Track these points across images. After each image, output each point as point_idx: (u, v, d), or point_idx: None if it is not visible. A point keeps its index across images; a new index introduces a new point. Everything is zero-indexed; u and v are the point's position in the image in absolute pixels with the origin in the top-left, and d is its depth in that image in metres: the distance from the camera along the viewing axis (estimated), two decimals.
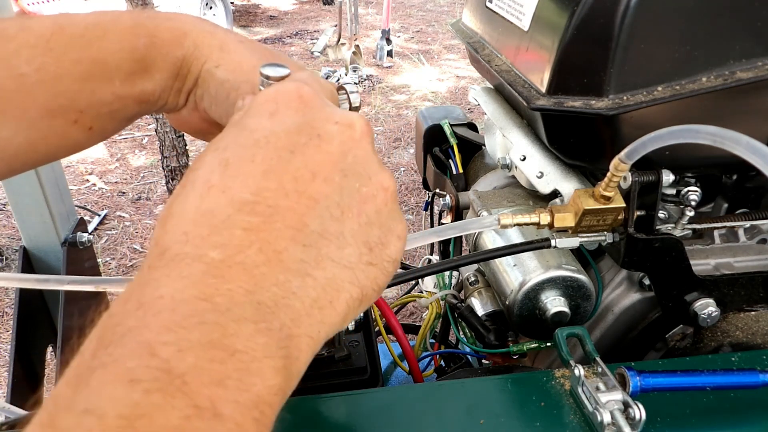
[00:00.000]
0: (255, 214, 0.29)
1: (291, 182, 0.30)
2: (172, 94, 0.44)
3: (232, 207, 0.28)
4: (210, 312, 0.26)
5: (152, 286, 0.26)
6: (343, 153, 0.32)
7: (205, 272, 0.27)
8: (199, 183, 0.30)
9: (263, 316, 0.27)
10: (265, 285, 0.27)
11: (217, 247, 0.27)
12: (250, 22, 7.46)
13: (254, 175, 0.29)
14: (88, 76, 0.40)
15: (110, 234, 3.18)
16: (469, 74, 5.43)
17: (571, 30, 0.64)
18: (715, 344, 0.77)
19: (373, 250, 0.32)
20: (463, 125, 1.16)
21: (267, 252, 0.28)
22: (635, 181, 0.64)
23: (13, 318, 1.10)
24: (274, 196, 0.29)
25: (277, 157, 0.30)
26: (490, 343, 0.80)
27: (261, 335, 0.26)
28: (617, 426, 0.50)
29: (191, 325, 0.25)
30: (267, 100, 0.33)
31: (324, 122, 0.32)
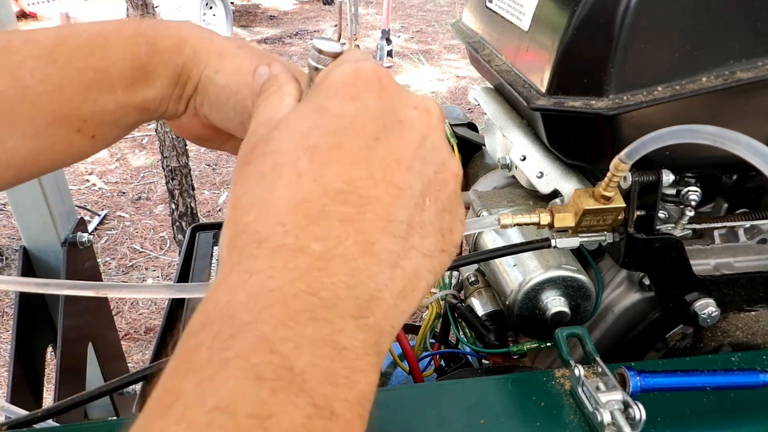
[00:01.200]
0: (349, 204, 0.28)
1: (379, 171, 0.30)
2: (173, 101, 0.45)
3: (326, 196, 0.28)
4: (320, 307, 0.26)
5: (260, 277, 0.26)
6: (423, 139, 0.32)
7: (310, 264, 0.27)
8: (287, 169, 0.29)
9: (362, 312, 0.27)
10: (362, 278, 0.28)
11: (318, 239, 0.27)
12: (250, 22, 7.46)
13: (345, 164, 0.29)
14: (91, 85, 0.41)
15: (110, 234, 3.17)
16: (469, 74, 5.43)
17: (571, 30, 0.64)
18: (715, 344, 0.77)
19: (445, 237, 0.33)
20: (463, 125, 1.16)
21: (362, 244, 0.28)
22: (635, 181, 0.64)
23: (13, 318, 1.10)
24: (365, 185, 0.29)
25: (365, 145, 0.30)
26: (490, 343, 0.80)
27: (360, 332, 0.27)
28: (617, 426, 0.50)
29: (304, 320, 0.25)
30: (345, 81, 0.32)
31: (405, 108, 0.32)
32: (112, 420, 0.65)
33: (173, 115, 0.46)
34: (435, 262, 0.32)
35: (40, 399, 1.17)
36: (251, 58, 0.45)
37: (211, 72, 0.44)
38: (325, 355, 0.25)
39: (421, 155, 0.31)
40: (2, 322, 2.52)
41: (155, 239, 3.14)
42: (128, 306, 2.64)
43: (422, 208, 0.31)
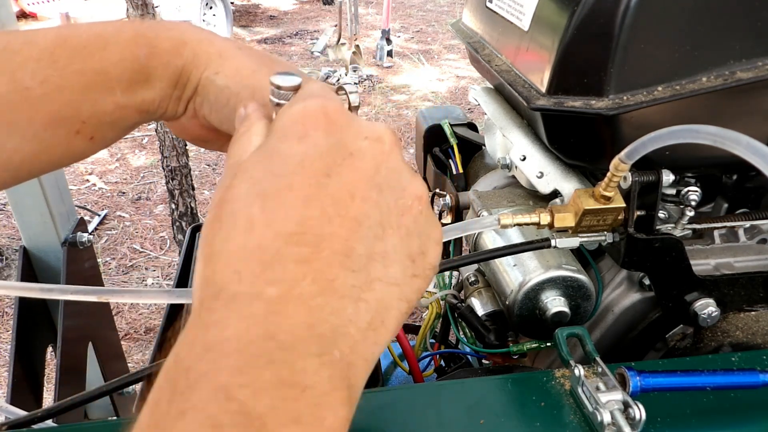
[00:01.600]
0: (303, 245, 0.28)
1: (332, 206, 0.30)
2: (172, 103, 0.45)
3: (279, 240, 0.28)
4: (277, 350, 0.26)
5: (217, 328, 0.27)
6: (377, 168, 0.32)
7: (265, 310, 0.27)
8: (240, 218, 0.29)
9: (325, 348, 0.27)
10: (322, 316, 0.28)
11: (272, 284, 0.27)
12: (250, 22, 7.46)
13: (296, 205, 0.29)
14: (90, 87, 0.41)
15: (110, 234, 3.17)
16: (469, 74, 5.43)
17: (571, 30, 0.64)
18: (715, 344, 0.77)
19: (416, 261, 0.32)
20: (463, 125, 1.16)
21: (320, 282, 0.28)
22: (635, 181, 0.64)
23: (13, 318, 1.10)
24: (318, 223, 0.29)
25: (315, 183, 0.30)
26: (490, 343, 0.80)
27: (325, 368, 0.27)
28: (617, 426, 0.50)
29: (262, 364, 0.26)
30: (294, 121, 0.32)
31: (354, 139, 0.32)
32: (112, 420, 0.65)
33: (173, 117, 0.46)
34: (405, 289, 0.31)
35: (40, 399, 1.17)
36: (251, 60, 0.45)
37: (210, 73, 0.44)
38: (286, 396, 0.25)
39: (377, 183, 0.31)
40: (2, 322, 2.52)
41: (155, 239, 3.14)
42: (128, 306, 2.64)
43: (382, 237, 0.31)
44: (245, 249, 0.28)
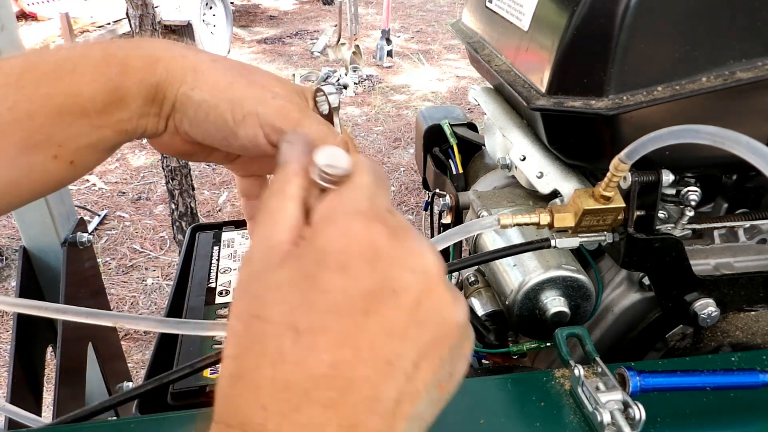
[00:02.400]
0: (332, 389, 0.28)
1: (367, 349, 0.29)
2: (151, 120, 0.44)
3: (309, 381, 0.28)
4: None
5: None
6: (419, 303, 0.30)
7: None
8: (271, 347, 0.28)
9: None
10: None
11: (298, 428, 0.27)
12: (250, 22, 7.46)
13: (330, 346, 0.28)
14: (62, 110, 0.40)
15: (110, 234, 3.18)
16: (469, 74, 5.43)
17: (571, 30, 0.64)
18: (715, 344, 0.77)
19: (443, 387, 0.32)
20: (463, 125, 1.16)
21: (344, 427, 0.28)
22: (635, 181, 0.64)
23: (13, 318, 1.10)
24: (350, 367, 0.28)
25: (352, 323, 0.29)
26: (490, 343, 0.80)
27: None
28: (617, 426, 0.50)
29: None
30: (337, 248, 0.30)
31: (399, 273, 0.30)
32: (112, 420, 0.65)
33: (154, 134, 0.45)
34: (428, 416, 0.31)
35: (40, 399, 1.17)
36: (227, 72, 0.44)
37: (187, 89, 0.43)
38: None
39: (417, 320, 0.30)
40: (2, 322, 2.52)
41: (155, 239, 3.14)
42: (128, 306, 2.64)
43: (414, 376, 0.30)
44: (274, 383, 0.28)
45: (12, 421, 0.73)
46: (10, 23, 1.06)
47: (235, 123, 0.42)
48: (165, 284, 2.78)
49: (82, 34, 4.94)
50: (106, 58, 0.42)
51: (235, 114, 0.42)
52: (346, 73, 5.21)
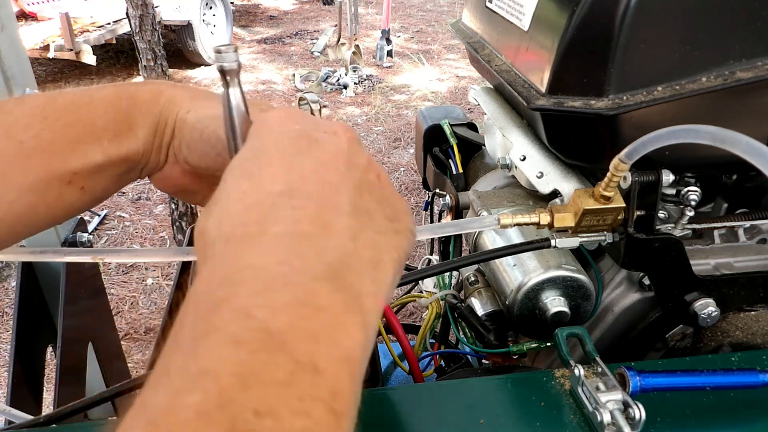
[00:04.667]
0: (294, 198, 0.32)
1: (311, 172, 0.34)
2: (154, 151, 0.48)
3: (272, 196, 0.32)
4: (291, 274, 0.28)
5: (231, 262, 0.29)
6: (340, 150, 0.36)
7: (275, 243, 0.30)
8: (233, 192, 0.33)
9: (335, 275, 0.29)
10: (327, 248, 0.30)
11: (275, 224, 0.30)
12: (250, 22, 7.45)
13: (278, 173, 0.33)
14: (79, 139, 0.45)
15: (110, 234, 3.17)
16: (469, 74, 5.43)
17: (571, 30, 0.64)
18: (715, 344, 0.77)
19: (394, 222, 0.36)
20: (463, 125, 1.16)
21: (317, 224, 0.31)
22: (635, 181, 0.64)
23: (13, 318, 1.10)
24: (302, 183, 0.33)
25: (289, 157, 0.34)
26: (490, 343, 0.80)
27: (338, 292, 0.29)
28: (617, 426, 0.51)
29: (278, 287, 0.28)
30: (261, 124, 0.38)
31: (316, 131, 0.37)
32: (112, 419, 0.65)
33: (155, 167, 0.49)
34: (392, 239, 0.35)
35: (40, 399, 1.17)
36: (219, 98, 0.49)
37: (183, 113, 0.48)
38: (304, 315, 0.27)
39: (342, 161, 0.36)
40: (2, 322, 2.52)
41: (155, 239, 3.14)
42: (128, 306, 2.64)
43: (361, 197, 0.35)
44: (244, 205, 0.32)
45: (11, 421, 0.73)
46: (10, 23, 1.06)
47: None
48: (165, 284, 2.78)
49: (82, 34, 4.94)
50: (118, 92, 0.47)
51: None
52: (346, 73, 5.21)
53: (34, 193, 0.44)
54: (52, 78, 5.47)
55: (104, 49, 5.69)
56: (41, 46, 4.72)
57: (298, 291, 0.28)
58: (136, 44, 2.68)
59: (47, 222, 0.47)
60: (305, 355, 0.26)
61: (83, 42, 4.75)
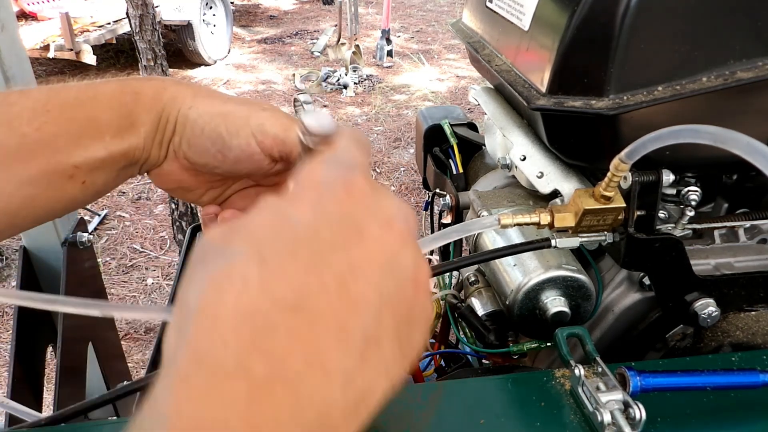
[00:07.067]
0: (299, 317, 0.27)
1: (334, 282, 0.28)
2: (155, 147, 0.48)
3: (275, 308, 0.26)
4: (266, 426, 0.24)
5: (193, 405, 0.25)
6: (384, 253, 0.30)
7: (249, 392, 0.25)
8: (236, 276, 0.27)
9: None
10: (309, 402, 0.26)
11: (260, 358, 0.26)
12: (250, 22, 7.45)
13: (297, 273, 0.28)
14: (82, 133, 0.44)
15: (110, 234, 3.18)
16: (469, 74, 5.43)
17: (571, 30, 0.64)
18: (716, 344, 0.77)
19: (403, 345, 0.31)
20: (463, 125, 1.16)
21: (311, 361, 0.26)
22: (635, 181, 0.64)
23: (13, 318, 1.10)
24: (317, 297, 0.27)
25: (319, 256, 0.28)
26: (490, 343, 0.80)
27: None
28: (617, 426, 0.50)
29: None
30: (310, 187, 0.31)
31: (367, 218, 0.31)
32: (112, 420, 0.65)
33: (155, 164, 0.49)
34: (392, 371, 0.30)
35: (41, 398, 1.17)
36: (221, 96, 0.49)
37: (185, 109, 0.47)
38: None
39: (382, 268, 0.30)
40: (2, 322, 2.52)
41: (155, 239, 3.14)
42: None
43: (380, 322, 0.29)
44: (236, 312, 0.26)
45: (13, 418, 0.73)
46: (10, 23, 1.06)
47: (229, 134, 0.46)
48: (165, 284, 2.78)
49: (82, 34, 4.94)
50: (122, 88, 0.47)
51: (228, 126, 0.46)
52: (346, 73, 5.21)
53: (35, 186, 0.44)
54: (52, 78, 5.47)
55: (104, 49, 5.69)
56: (41, 46, 4.72)
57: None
58: (136, 44, 2.68)
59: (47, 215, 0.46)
60: None
61: (83, 42, 4.76)
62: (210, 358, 0.25)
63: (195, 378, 0.25)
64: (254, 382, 0.25)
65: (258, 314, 0.26)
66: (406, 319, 0.31)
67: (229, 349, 0.25)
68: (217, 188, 0.51)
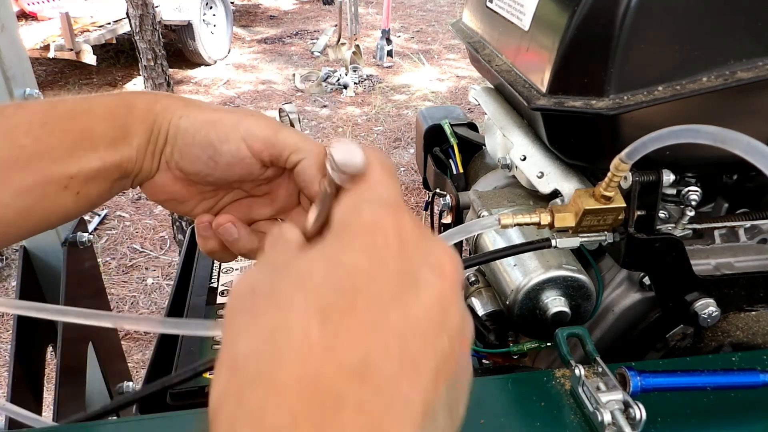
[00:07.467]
0: (364, 384, 0.24)
1: (395, 341, 0.26)
2: (147, 158, 0.49)
3: (341, 376, 0.24)
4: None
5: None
6: (437, 305, 0.28)
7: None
8: (297, 335, 0.25)
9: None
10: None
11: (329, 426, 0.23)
12: (250, 22, 7.45)
13: (359, 331, 0.25)
14: (77, 144, 0.45)
15: (110, 234, 3.18)
16: (469, 74, 5.43)
17: (571, 30, 0.64)
18: (716, 344, 0.77)
19: (452, 411, 0.29)
20: (464, 125, 1.16)
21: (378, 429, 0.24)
22: (636, 181, 0.64)
23: (13, 318, 1.10)
24: (381, 360, 0.25)
25: (378, 309, 0.26)
26: (491, 343, 0.80)
27: None
28: (618, 426, 0.50)
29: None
30: (363, 232, 0.29)
31: (421, 267, 0.29)
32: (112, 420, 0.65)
33: (148, 175, 0.50)
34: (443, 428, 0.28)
35: (41, 399, 1.17)
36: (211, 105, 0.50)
37: (176, 119, 0.48)
38: None
39: (437, 323, 0.28)
40: (2, 322, 2.52)
41: (155, 239, 3.14)
42: (128, 306, 2.64)
43: (435, 385, 0.27)
44: (303, 381, 0.24)
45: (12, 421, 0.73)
46: (10, 23, 1.06)
47: (219, 140, 0.47)
48: (165, 284, 2.78)
49: (82, 34, 4.94)
50: (116, 101, 0.48)
51: (218, 132, 0.47)
52: (346, 73, 5.21)
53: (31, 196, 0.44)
54: (52, 78, 5.47)
55: (104, 49, 5.69)
56: (41, 46, 4.72)
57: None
58: (136, 44, 2.68)
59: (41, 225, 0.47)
60: None
61: (83, 42, 4.75)
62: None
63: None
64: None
65: (325, 384, 0.24)
66: (454, 379, 0.29)
67: (299, 428, 0.23)
68: (209, 199, 0.52)
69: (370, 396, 0.24)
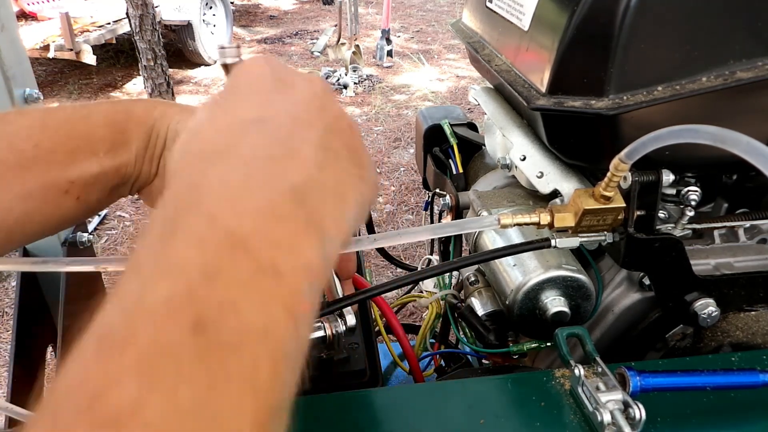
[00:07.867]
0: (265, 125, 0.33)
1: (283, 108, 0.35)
2: (146, 163, 0.50)
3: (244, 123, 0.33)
4: (256, 187, 0.30)
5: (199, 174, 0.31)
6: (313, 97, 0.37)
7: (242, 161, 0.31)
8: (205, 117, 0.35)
9: (298, 195, 0.30)
10: (292, 171, 0.31)
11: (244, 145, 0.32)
12: (250, 22, 7.45)
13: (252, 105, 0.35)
14: (77, 149, 0.47)
15: (110, 234, 3.18)
16: (469, 74, 5.43)
17: (571, 30, 0.64)
18: (716, 344, 0.77)
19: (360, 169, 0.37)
20: (463, 125, 1.16)
21: (285, 149, 0.32)
22: (635, 181, 0.64)
23: (13, 318, 1.10)
24: (276, 116, 0.34)
25: (265, 96, 0.36)
26: (490, 343, 0.80)
27: (299, 209, 0.30)
28: (617, 426, 0.51)
29: (242, 196, 0.29)
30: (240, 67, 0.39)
31: (291, 76, 0.38)
32: None
33: (146, 181, 0.51)
34: (356, 182, 0.36)
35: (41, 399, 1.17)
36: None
37: (173, 124, 0.50)
38: (267, 223, 0.28)
39: (317, 104, 0.37)
40: (2, 322, 2.52)
41: None
42: None
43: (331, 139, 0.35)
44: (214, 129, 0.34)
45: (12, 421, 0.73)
46: (10, 23, 1.06)
47: None
48: None
49: (82, 34, 4.94)
50: (115, 106, 0.50)
51: None
52: (346, 73, 5.21)
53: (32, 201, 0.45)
54: (52, 78, 5.47)
55: (104, 49, 5.69)
56: (41, 46, 4.72)
57: (262, 202, 0.29)
58: (136, 44, 2.68)
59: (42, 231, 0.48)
60: (267, 258, 0.27)
61: (83, 42, 4.75)
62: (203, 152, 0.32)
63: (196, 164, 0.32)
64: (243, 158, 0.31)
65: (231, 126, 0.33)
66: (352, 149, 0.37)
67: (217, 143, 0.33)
68: None
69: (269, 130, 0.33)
